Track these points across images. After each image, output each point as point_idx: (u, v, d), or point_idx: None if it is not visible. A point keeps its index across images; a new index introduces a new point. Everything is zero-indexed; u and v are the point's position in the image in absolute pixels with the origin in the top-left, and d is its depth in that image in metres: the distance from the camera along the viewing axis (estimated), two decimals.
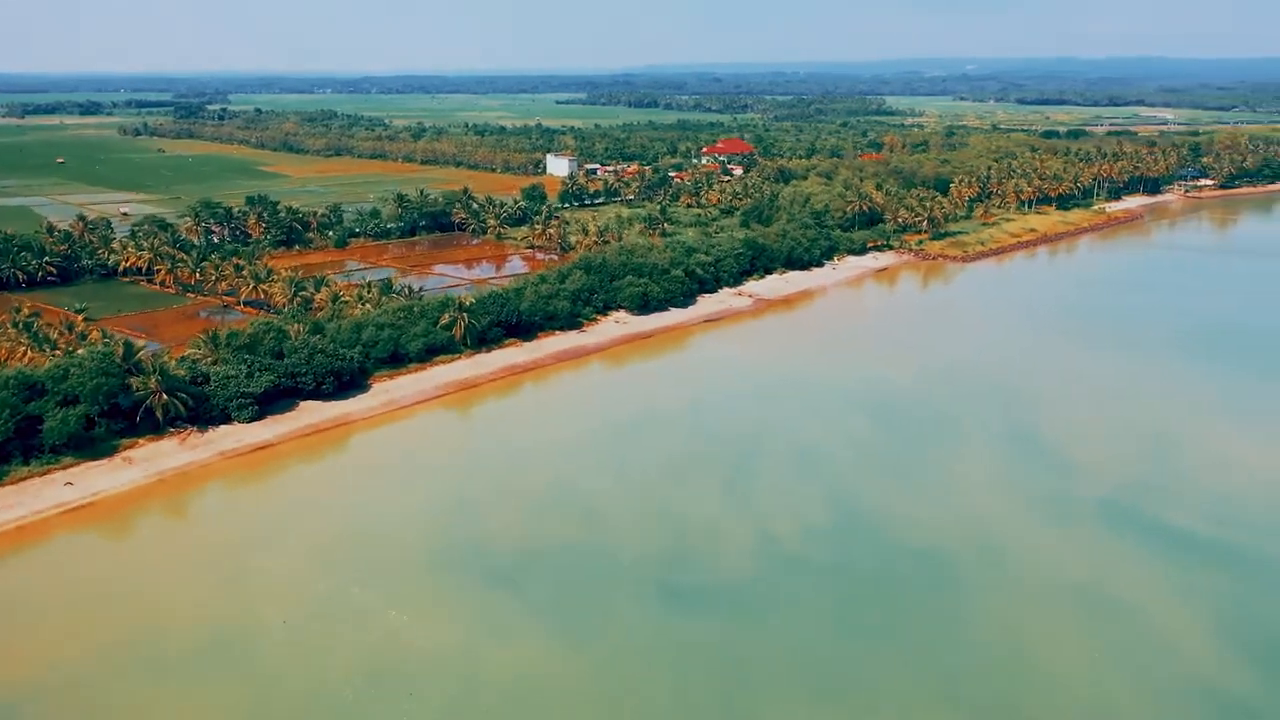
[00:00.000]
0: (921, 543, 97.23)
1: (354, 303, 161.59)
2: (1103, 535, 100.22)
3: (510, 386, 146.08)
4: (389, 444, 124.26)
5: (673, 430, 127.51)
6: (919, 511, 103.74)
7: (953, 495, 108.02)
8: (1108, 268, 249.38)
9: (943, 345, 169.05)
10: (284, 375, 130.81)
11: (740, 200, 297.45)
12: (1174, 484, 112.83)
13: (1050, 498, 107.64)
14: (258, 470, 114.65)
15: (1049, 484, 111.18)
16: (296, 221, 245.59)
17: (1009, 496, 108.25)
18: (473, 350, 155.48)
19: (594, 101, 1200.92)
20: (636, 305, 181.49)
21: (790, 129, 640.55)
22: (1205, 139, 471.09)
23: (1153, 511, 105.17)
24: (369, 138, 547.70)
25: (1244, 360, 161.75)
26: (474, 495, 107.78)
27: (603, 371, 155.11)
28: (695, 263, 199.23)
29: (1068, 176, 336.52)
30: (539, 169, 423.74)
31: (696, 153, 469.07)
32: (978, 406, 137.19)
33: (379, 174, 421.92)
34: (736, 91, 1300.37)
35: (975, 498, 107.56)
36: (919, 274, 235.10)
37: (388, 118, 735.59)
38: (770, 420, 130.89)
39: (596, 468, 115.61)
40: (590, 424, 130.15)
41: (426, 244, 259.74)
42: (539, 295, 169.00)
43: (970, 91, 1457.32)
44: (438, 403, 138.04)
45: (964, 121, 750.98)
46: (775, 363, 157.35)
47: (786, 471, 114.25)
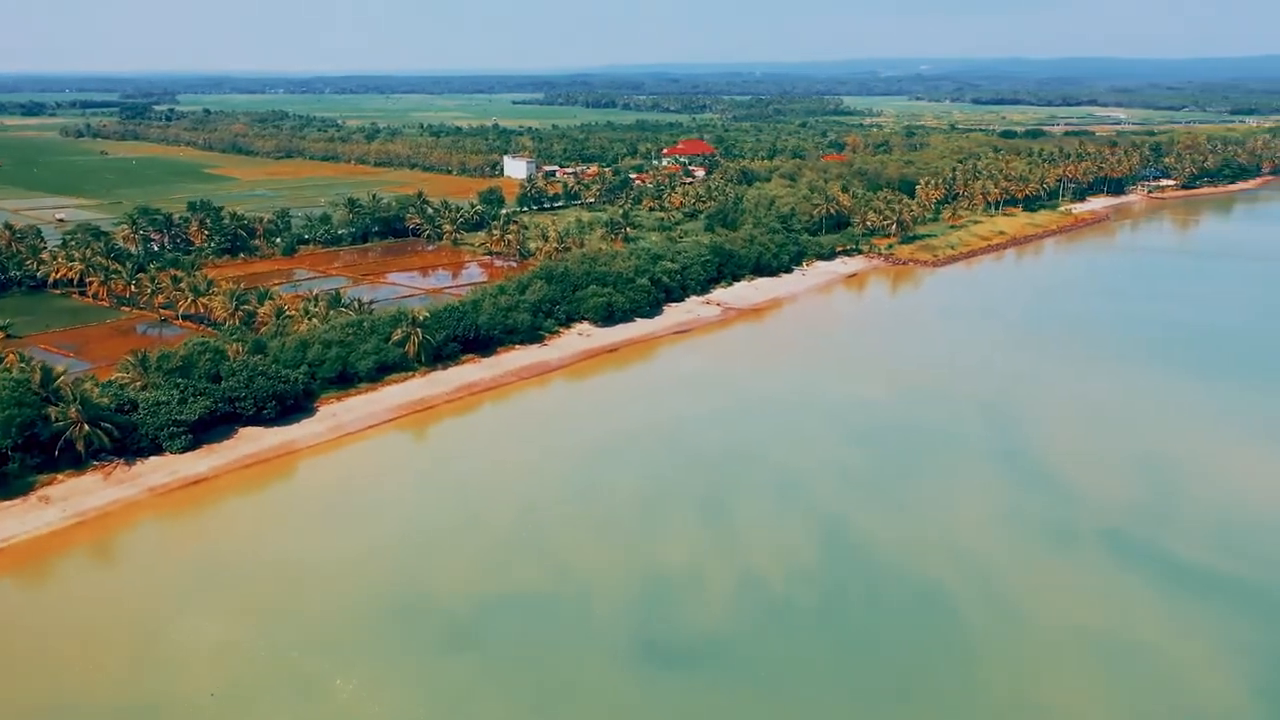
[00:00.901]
0: (919, 584, 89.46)
1: (299, 317, 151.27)
2: (1110, 571, 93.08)
3: (468, 407, 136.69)
4: (336, 475, 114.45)
5: (643, 456, 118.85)
6: (913, 548, 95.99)
7: (947, 527, 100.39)
8: (1081, 272, 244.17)
9: (922, 357, 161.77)
10: (221, 400, 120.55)
11: (704, 203, 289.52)
12: (1177, 509, 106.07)
13: (1051, 530, 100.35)
14: (190, 508, 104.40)
15: (1048, 514, 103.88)
16: (241, 228, 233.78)
17: (1007, 529, 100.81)
18: (428, 368, 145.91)
19: (551, 102, 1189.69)
20: (601, 316, 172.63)
21: (750, 129, 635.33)
22: (1166, 139, 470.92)
23: (1159, 542, 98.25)
24: (321, 139, 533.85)
25: (1236, 370, 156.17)
26: (430, 535, 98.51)
27: (567, 389, 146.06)
28: (661, 270, 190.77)
29: (1034, 178, 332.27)
30: (496, 171, 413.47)
31: (657, 154, 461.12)
32: (965, 425, 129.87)
33: (331, 177, 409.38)
34: (694, 92, 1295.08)
35: (972, 530, 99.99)
36: (890, 280, 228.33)
37: (341, 118, 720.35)
38: (748, 443, 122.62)
39: (563, 500, 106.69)
40: (555, 449, 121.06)
41: (380, 251, 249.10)
42: (498, 308, 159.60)
43: (926, 91, 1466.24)
44: (390, 426, 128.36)
45: (922, 121, 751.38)
46: (749, 378, 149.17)
47: (768, 502, 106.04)
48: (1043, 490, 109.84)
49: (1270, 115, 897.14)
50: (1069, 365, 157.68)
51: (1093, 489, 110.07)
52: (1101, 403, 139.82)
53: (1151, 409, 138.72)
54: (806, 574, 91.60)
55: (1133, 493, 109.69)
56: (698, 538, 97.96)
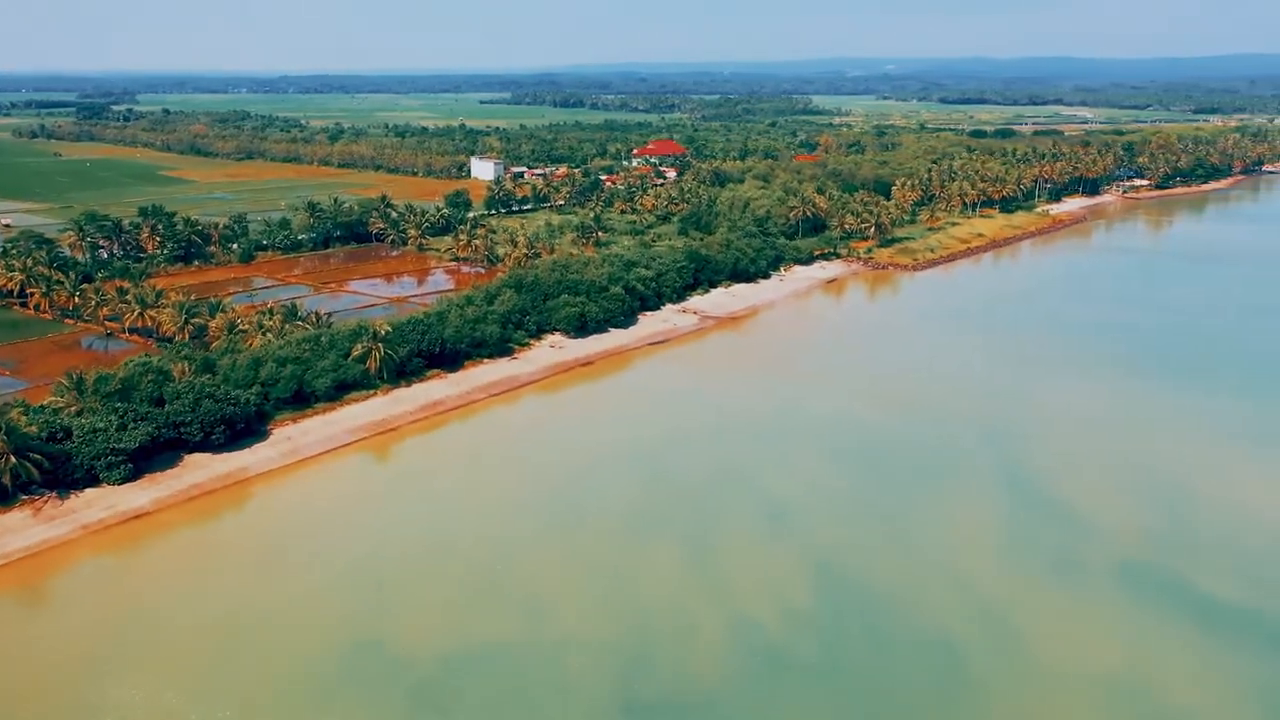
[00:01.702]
0: (923, 627, 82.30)
1: (253, 332, 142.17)
2: (1123, 606, 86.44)
3: (434, 428, 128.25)
4: (290, 507, 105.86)
5: (622, 482, 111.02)
6: (914, 584, 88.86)
7: (948, 559, 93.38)
8: (1064, 276, 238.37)
9: (909, 368, 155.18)
10: (165, 425, 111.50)
11: (677, 205, 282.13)
12: (1187, 534, 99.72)
13: (1058, 561, 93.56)
14: (127, 548, 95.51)
15: (1057, 544, 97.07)
16: (196, 234, 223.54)
17: (1012, 561, 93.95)
18: (390, 385, 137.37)
19: (518, 101, 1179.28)
20: (573, 327, 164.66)
21: (720, 129, 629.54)
22: (1139, 139, 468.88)
23: (1172, 572, 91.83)
24: (283, 140, 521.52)
25: (1232, 380, 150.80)
26: (391, 575, 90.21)
27: (539, 407, 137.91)
28: (635, 278, 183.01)
29: (1010, 179, 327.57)
30: (463, 172, 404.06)
31: (627, 154, 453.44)
32: (959, 442, 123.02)
33: (292, 179, 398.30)
34: (663, 91, 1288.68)
35: (975, 563, 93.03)
36: (870, 285, 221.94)
37: (304, 118, 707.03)
38: (732, 466, 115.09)
39: (535, 534, 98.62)
40: (526, 475, 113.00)
41: (342, 257, 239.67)
42: (465, 319, 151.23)
43: (893, 91, 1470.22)
44: (350, 450, 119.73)
45: (891, 121, 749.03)
46: (731, 393, 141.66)
47: (758, 535, 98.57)
48: (1046, 515, 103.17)
49: (1233, 114, 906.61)
50: (1062, 376, 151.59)
51: (1098, 512, 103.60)
52: (1098, 416, 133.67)
53: (1150, 422, 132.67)
54: (800, 616, 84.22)
55: (1140, 516, 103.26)
56: (682, 576, 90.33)
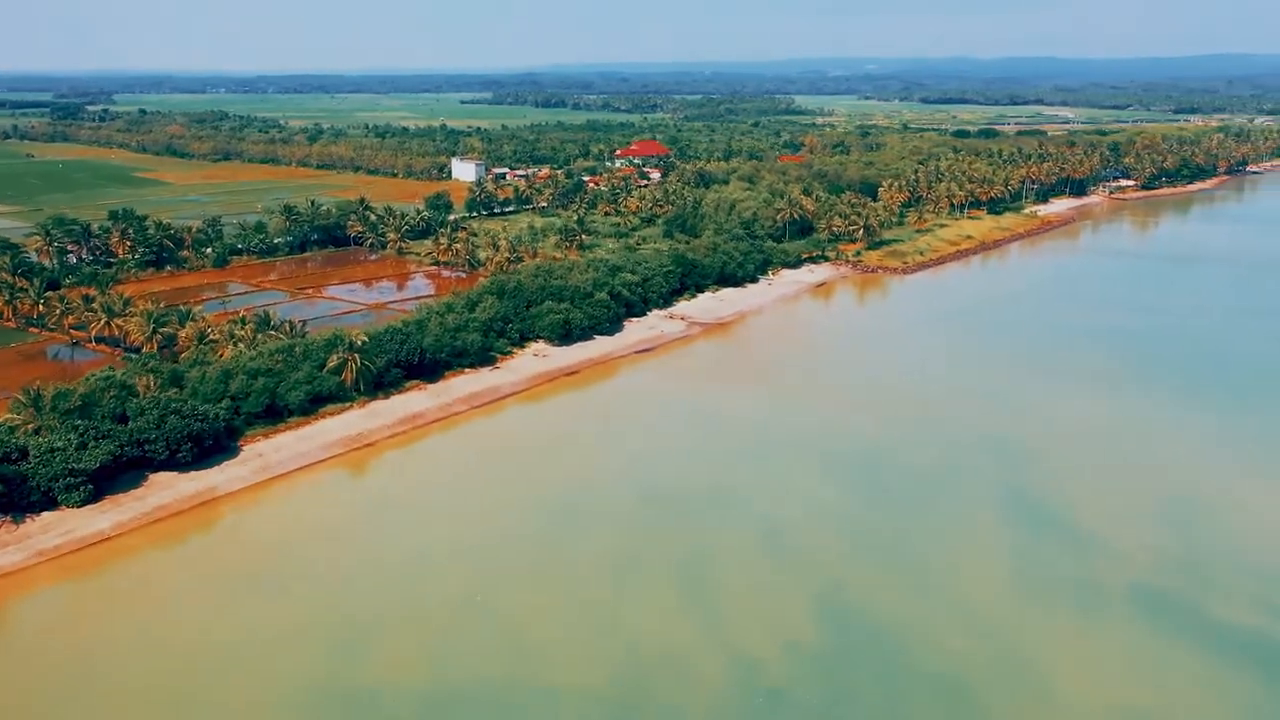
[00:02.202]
0: (931, 661, 77.56)
1: (224, 342, 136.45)
2: (1145, 638, 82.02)
3: (413, 441, 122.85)
4: (260, 530, 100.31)
5: (611, 504, 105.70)
6: (924, 618, 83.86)
7: (960, 590, 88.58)
8: (1056, 279, 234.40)
9: (904, 378, 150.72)
10: (128, 444, 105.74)
11: (662, 207, 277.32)
12: (1207, 556, 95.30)
13: (1074, 588, 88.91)
14: (84, 577, 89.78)
15: (1068, 568, 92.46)
16: (168, 238, 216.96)
17: (1026, 589, 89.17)
18: (367, 397, 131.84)
19: (500, 101, 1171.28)
20: (558, 335, 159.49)
21: (703, 129, 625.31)
22: (1124, 139, 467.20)
23: (1195, 600, 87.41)
24: (261, 140, 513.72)
25: (1237, 388, 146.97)
26: (368, 608, 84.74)
27: (523, 421, 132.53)
28: (621, 283, 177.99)
29: (998, 180, 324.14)
30: (444, 174, 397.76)
31: (610, 155, 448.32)
32: (963, 458, 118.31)
33: (270, 180, 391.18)
34: (644, 91, 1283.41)
35: (988, 593, 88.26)
36: (860, 289, 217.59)
37: (283, 119, 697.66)
38: (726, 487, 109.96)
39: (520, 564, 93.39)
40: (510, 496, 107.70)
41: (319, 261, 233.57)
42: (445, 328, 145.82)
43: (875, 91, 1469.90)
44: (324, 467, 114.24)
45: (874, 121, 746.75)
46: (722, 405, 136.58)
47: (755, 562, 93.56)
48: (1054, 535, 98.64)
49: (1213, 114, 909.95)
50: (1061, 383, 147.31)
51: (1107, 530, 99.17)
52: (1101, 427, 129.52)
53: (1152, 433, 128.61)
54: (802, 653, 79.29)
55: (1151, 535, 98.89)
56: (676, 609, 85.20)
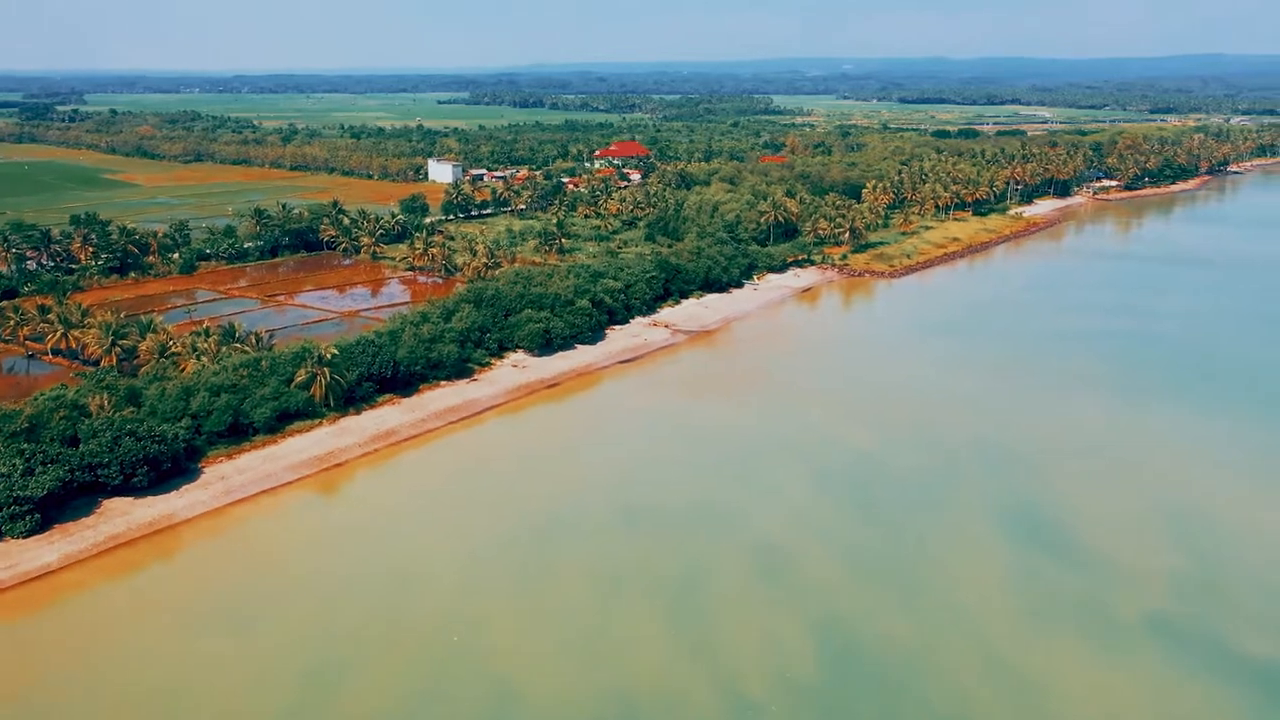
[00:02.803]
0: (937, 697, 72.24)
1: (186, 355, 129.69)
2: (1163, 669, 76.93)
3: (385, 460, 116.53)
4: (222, 561, 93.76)
5: (596, 527, 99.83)
6: (926, 646, 78.65)
7: (964, 618, 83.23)
8: (1046, 283, 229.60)
9: (897, 387, 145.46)
10: (79, 468, 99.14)
11: (643, 210, 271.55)
12: (1225, 580, 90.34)
13: (1084, 614, 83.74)
14: (24, 617, 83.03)
15: (1077, 592, 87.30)
16: (133, 243, 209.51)
17: (1033, 616, 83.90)
18: (338, 413, 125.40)
19: (477, 101, 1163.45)
20: (537, 345, 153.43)
21: (682, 129, 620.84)
22: (1106, 139, 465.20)
23: (1215, 628, 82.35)
24: (233, 141, 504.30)
25: (1240, 396, 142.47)
26: (337, 647, 78.56)
27: (501, 436, 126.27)
28: (603, 290, 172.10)
29: (983, 181, 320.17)
30: (420, 175, 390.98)
31: (589, 155, 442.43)
32: (962, 474, 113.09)
33: (242, 182, 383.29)
34: (623, 91, 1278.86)
35: (996, 623, 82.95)
36: (848, 293, 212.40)
37: (257, 119, 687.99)
38: (718, 507, 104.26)
39: (501, 592, 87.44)
40: (488, 520, 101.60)
41: (290, 266, 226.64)
42: (419, 339, 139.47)
43: (852, 91, 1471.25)
44: (292, 489, 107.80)
45: (853, 121, 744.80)
46: (710, 418, 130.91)
47: (748, 586, 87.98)
48: (1065, 560, 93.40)
49: (1189, 114, 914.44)
50: (1060, 392, 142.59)
51: (1121, 554, 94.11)
52: (1104, 438, 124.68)
53: (1159, 444, 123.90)
54: (802, 690, 73.72)
55: (1168, 558, 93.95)
56: (668, 643, 79.50)
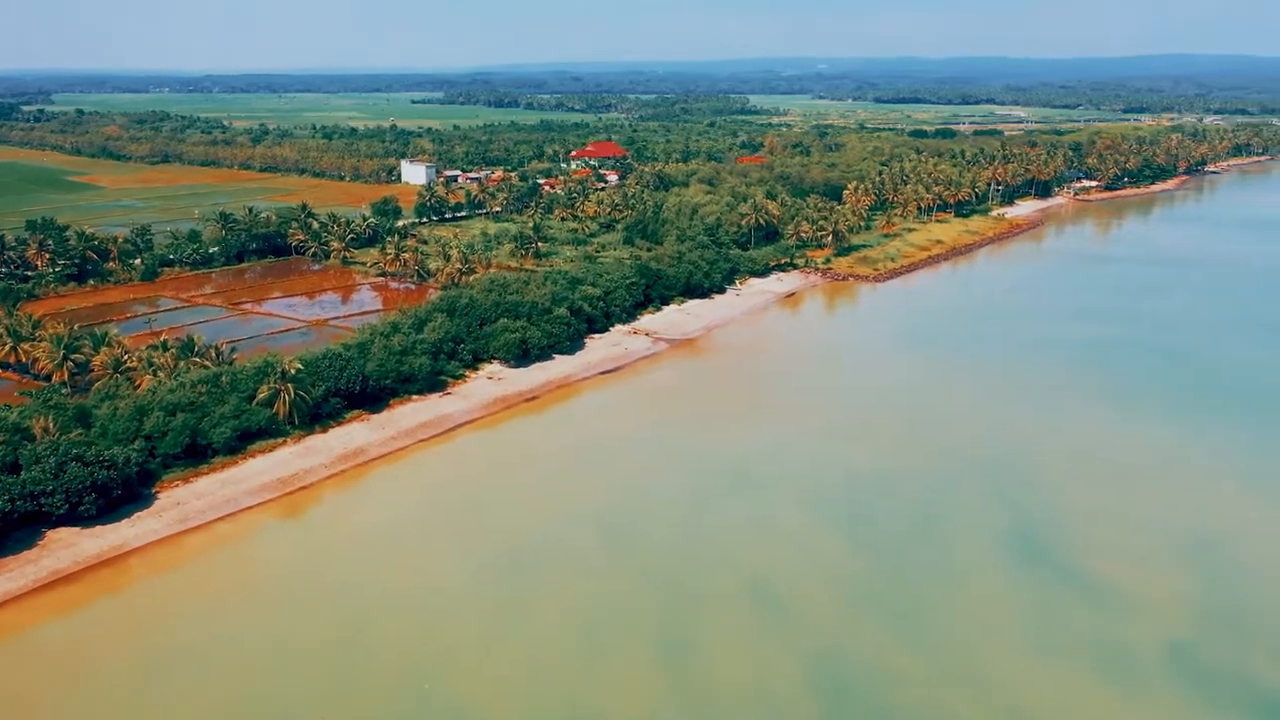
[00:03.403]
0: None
1: (141, 370, 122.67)
2: (1190, 713, 71.79)
3: (353, 482, 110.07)
4: (176, 596, 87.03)
5: (578, 558, 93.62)
6: (934, 689, 73.23)
7: (972, 655, 77.86)
8: (1034, 286, 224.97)
9: (890, 399, 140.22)
10: (20, 497, 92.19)
11: (621, 212, 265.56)
12: (1247, 609, 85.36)
13: (1100, 649, 78.53)
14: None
15: (1091, 625, 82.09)
16: (92, 249, 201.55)
17: (1046, 652, 78.55)
18: (303, 431, 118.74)
19: (451, 101, 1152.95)
20: (514, 355, 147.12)
21: (658, 129, 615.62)
22: (1084, 139, 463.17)
23: (1240, 663, 77.35)
24: (202, 142, 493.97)
25: (1245, 408, 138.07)
26: (299, 695, 72.32)
27: (476, 455, 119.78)
28: (582, 297, 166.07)
29: (965, 182, 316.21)
30: (393, 176, 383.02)
31: (565, 156, 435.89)
32: (963, 496, 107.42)
33: (210, 184, 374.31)
34: (598, 90, 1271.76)
35: (1003, 657, 77.71)
36: (833, 299, 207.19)
37: (227, 119, 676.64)
38: (707, 534, 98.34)
39: (475, 632, 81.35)
40: (462, 549, 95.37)
41: (258, 272, 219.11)
42: (390, 351, 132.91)
43: (827, 90, 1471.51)
44: (252, 515, 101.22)
45: (829, 120, 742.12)
46: (696, 435, 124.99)
47: (743, 626, 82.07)
48: (1076, 589, 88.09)
49: (1162, 114, 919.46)
50: (1057, 405, 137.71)
51: (1134, 581, 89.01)
52: (1108, 454, 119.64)
53: (1165, 459, 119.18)
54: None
55: (1184, 584, 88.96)
56: (657, 688, 73.66)
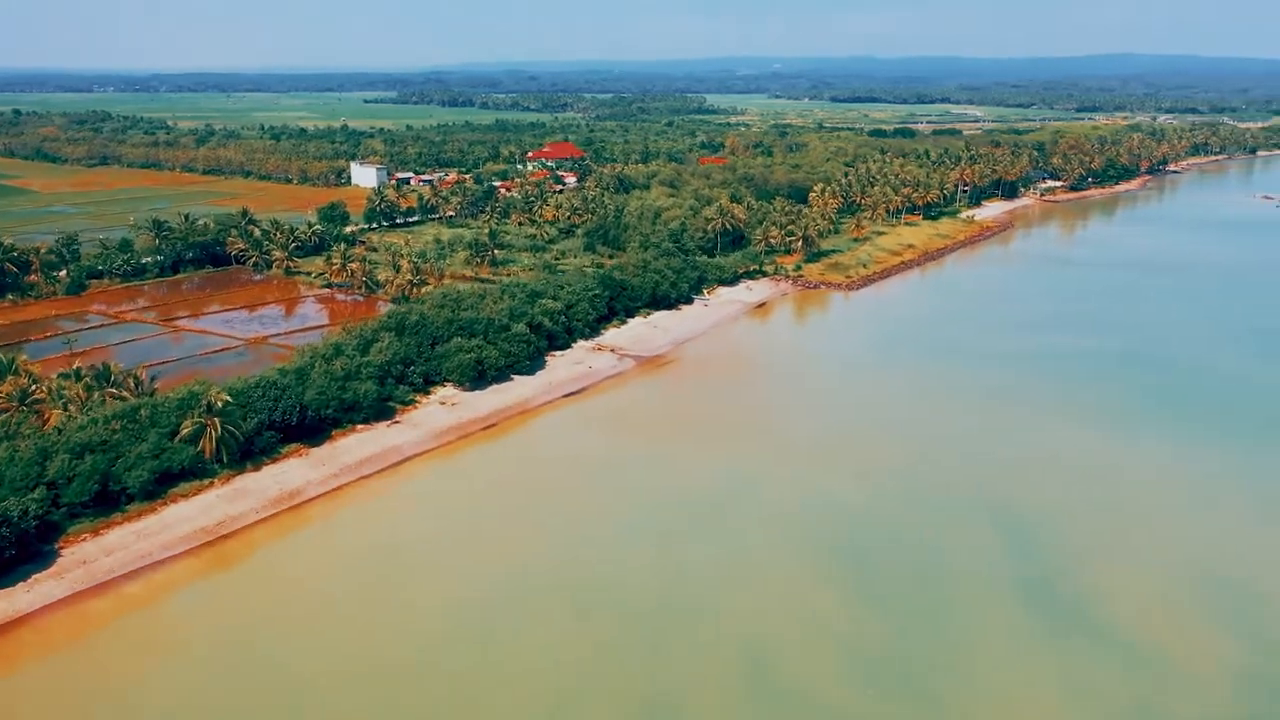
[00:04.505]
0: None
1: (50, 403, 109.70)
2: None
3: (288, 529, 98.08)
4: (74, 672, 74.69)
5: (543, 619, 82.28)
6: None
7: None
8: (1015, 293, 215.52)
9: (878, 424, 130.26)
10: None
11: (580, 216, 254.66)
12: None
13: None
14: None
15: (1129, 695, 72.56)
16: (11, 261, 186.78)
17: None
18: (232, 471, 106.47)
19: (405, 100, 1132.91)
20: (469, 378, 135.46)
21: (616, 129, 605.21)
22: (1048, 138, 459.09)
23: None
24: (143, 143, 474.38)
25: (1259, 428, 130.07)
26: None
27: (426, 494, 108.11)
28: (542, 311, 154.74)
29: (933, 183, 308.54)
30: (343, 179, 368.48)
31: (521, 157, 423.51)
32: (969, 537, 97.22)
33: (150, 188, 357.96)
34: (554, 90, 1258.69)
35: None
36: (806, 309, 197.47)
37: (172, 119, 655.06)
38: (687, 585, 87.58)
39: (425, 713, 70.20)
40: (410, 606, 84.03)
41: (195, 283, 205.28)
42: (331, 377, 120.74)
43: (784, 90, 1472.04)
44: (170, 571, 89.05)
45: (787, 120, 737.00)
46: (671, 467, 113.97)
47: (734, 699, 71.64)
48: (1105, 651, 78.15)
49: (1115, 113, 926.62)
50: (1056, 428, 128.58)
51: (1170, 641, 79.48)
52: (1120, 484, 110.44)
53: (1180, 490, 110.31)
54: None
55: (1228, 645, 79.27)
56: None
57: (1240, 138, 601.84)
